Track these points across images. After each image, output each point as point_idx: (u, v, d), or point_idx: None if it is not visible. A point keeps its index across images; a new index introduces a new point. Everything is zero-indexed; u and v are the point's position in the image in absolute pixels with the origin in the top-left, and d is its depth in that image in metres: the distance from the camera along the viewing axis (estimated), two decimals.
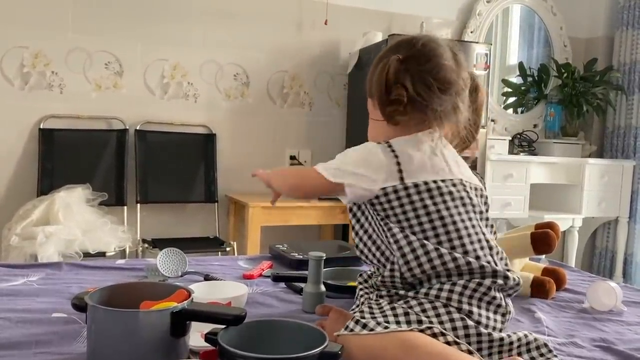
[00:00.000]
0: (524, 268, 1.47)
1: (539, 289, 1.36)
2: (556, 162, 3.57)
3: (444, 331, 0.88)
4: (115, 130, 3.00)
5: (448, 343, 0.87)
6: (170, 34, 3.09)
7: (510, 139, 3.74)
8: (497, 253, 1.04)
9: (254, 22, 3.25)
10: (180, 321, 0.85)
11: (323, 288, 1.18)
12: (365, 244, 1.06)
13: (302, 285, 1.25)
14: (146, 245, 2.80)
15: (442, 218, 0.99)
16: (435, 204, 0.99)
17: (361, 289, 1.14)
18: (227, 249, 2.85)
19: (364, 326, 0.91)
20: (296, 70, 3.38)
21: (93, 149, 2.95)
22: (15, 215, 2.62)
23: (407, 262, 0.97)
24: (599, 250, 3.98)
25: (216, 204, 3.16)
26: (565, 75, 3.81)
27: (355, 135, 3.30)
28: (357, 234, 1.08)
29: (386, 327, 0.89)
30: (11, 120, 2.83)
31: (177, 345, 0.84)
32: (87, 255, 2.49)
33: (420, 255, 0.97)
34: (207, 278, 1.35)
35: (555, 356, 0.92)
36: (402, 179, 0.99)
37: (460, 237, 0.99)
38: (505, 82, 3.95)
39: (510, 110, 3.98)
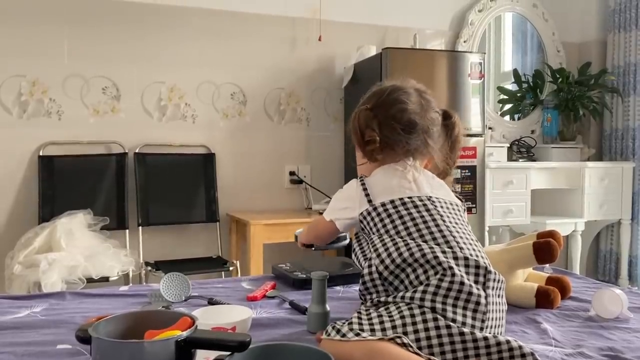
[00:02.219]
0: (527, 278, 1.47)
1: (544, 299, 1.35)
2: (556, 166, 3.57)
3: (410, 343, 0.91)
4: (114, 154, 3.01)
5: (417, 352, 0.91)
6: (166, 56, 3.11)
7: (509, 145, 3.75)
8: (477, 247, 1.11)
9: (249, 41, 3.28)
10: (185, 349, 0.84)
11: (328, 308, 1.18)
12: (356, 254, 1.19)
13: (306, 305, 1.26)
14: (149, 268, 2.80)
15: (413, 219, 1.11)
16: (400, 215, 1.11)
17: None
18: (230, 268, 2.84)
19: (338, 331, 0.96)
20: (292, 87, 3.39)
21: (93, 174, 2.96)
22: (17, 243, 2.62)
23: (380, 257, 1.07)
24: (604, 253, 3.98)
25: (218, 223, 3.17)
26: (560, 80, 3.83)
27: (353, 148, 3.30)
28: (354, 251, 1.21)
29: (358, 334, 0.93)
30: (11, 148, 2.84)
31: None
32: (90, 280, 2.49)
33: (390, 247, 1.07)
34: (211, 302, 1.35)
35: None
36: (370, 201, 1.15)
37: (431, 232, 1.08)
38: (501, 90, 3.97)
39: (507, 117, 3.99)
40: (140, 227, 2.99)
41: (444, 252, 1.03)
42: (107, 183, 2.98)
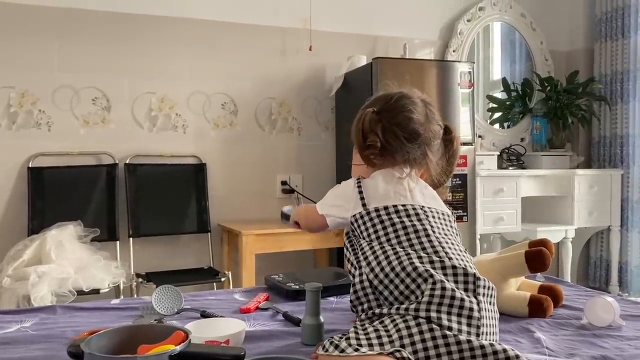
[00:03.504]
0: (520, 287, 1.47)
1: (536, 308, 1.35)
2: (545, 174, 3.60)
3: (409, 356, 0.90)
4: (104, 165, 3.00)
5: None
6: (156, 67, 3.10)
7: (499, 153, 3.78)
8: (466, 257, 1.11)
9: (239, 51, 3.28)
10: None
11: (322, 319, 1.18)
12: (349, 260, 1.18)
13: (300, 316, 1.26)
14: (140, 279, 2.78)
15: (405, 228, 1.11)
16: (393, 222, 1.11)
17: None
18: (222, 279, 2.83)
19: (336, 347, 0.95)
20: (283, 97, 3.40)
21: (83, 185, 2.94)
22: (6, 256, 2.59)
23: (370, 265, 1.07)
24: (594, 260, 4.00)
25: (209, 233, 3.15)
26: (548, 88, 3.87)
27: (345, 156, 3.31)
28: (346, 251, 1.20)
29: (356, 349, 0.92)
30: (0, 160, 2.82)
31: None
32: (80, 293, 2.46)
33: (380, 257, 1.07)
34: (204, 315, 1.34)
35: None
36: (364, 205, 1.15)
37: (421, 242, 1.09)
38: (490, 98, 4.00)
39: (497, 126, 4.02)
40: (130, 239, 2.97)
41: (432, 261, 1.03)
42: (97, 194, 2.96)
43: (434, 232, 1.11)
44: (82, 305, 1.43)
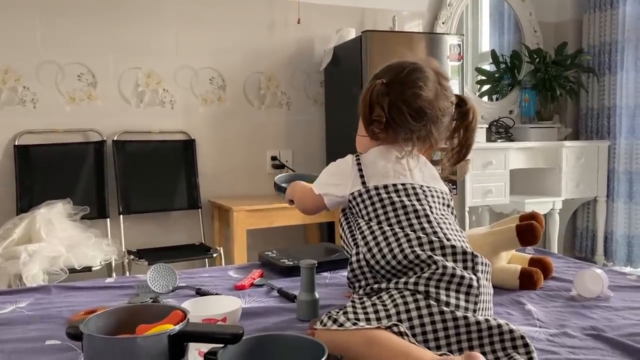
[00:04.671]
0: (510, 260, 1.50)
1: (527, 281, 1.38)
2: (533, 146, 3.62)
3: (406, 331, 0.91)
4: (92, 142, 2.96)
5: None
6: (142, 42, 3.05)
7: (487, 126, 3.79)
8: (462, 237, 1.12)
9: (226, 25, 3.23)
10: (178, 343, 0.84)
11: (317, 295, 1.19)
12: (345, 237, 1.19)
13: (295, 292, 1.27)
14: (132, 257, 2.77)
15: (404, 207, 1.10)
16: (392, 202, 1.11)
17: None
18: (214, 255, 2.84)
19: (335, 321, 0.95)
20: (272, 71, 3.37)
21: (71, 162, 2.91)
22: None
23: (369, 248, 1.07)
24: (580, 231, 4.06)
25: (200, 210, 3.15)
26: (537, 60, 3.86)
27: (335, 131, 3.31)
28: (342, 229, 1.21)
29: (355, 324, 0.93)
30: None
31: None
32: (72, 271, 2.46)
33: (380, 241, 1.06)
34: (199, 292, 1.35)
35: (532, 351, 0.93)
36: (364, 183, 1.14)
37: (420, 222, 1.08)
38: (479, 70, 3.99)
39: (485, 98, 4.02)
40: (121, 216, 2.96)
41: (431, 241, 1.04)
42: (85, 172, 2.93)
43: (432, 212, 1.11)
44: (77, 285, 1.43)
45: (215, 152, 3.26)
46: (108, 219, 2.94)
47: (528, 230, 1.36)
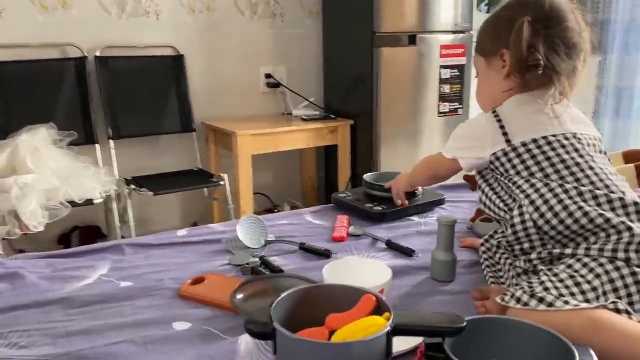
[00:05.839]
0: None
1: None
2: None
3: (628, 308, 0.82)
4: (72, 59, 2.61)
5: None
6: None
7: None
8: (625, 185, 1.01)
9: None
10: (389, 340, 0.72)
11: (455, 255, 1.08)
12: (490, 199, 1.06)
13: (398, 243, 1.20)
14: (132, 186, 2.54)
15: (563, 161, 0.98)
16: (548, 157, 0.99)
17: (485, 252, 1.12)
18: (221, 183, 2.65)
19: (541, 300, 0.83)
20: None
21: (50, 82, 2.56)
22: None
23: (536, 207, 0.95)
24: None
25: (194, 133, 2.91)
26: None
27: (333, 47, 3.08)
28: (483, 191, 1.08)
29: (566, 302, 0.82)
30: None
31: None
32: (74, 205, 2.23)
33: (545, 194, 0.95)
34: (304, 247, 1.20)
35: None
36: (508, 141, 1.01)
37: (587, 176, 0.97)
38: None
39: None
40: (111, 141, 2.69)
41: (610, 201, 0.93)
42: (67, 92, 2.60)
43: (595, 162, 0.99)
44: (150, 242, 1.24)
45: (205, 69, 2.97)
46: (98, 145, 2.65)
47: None
